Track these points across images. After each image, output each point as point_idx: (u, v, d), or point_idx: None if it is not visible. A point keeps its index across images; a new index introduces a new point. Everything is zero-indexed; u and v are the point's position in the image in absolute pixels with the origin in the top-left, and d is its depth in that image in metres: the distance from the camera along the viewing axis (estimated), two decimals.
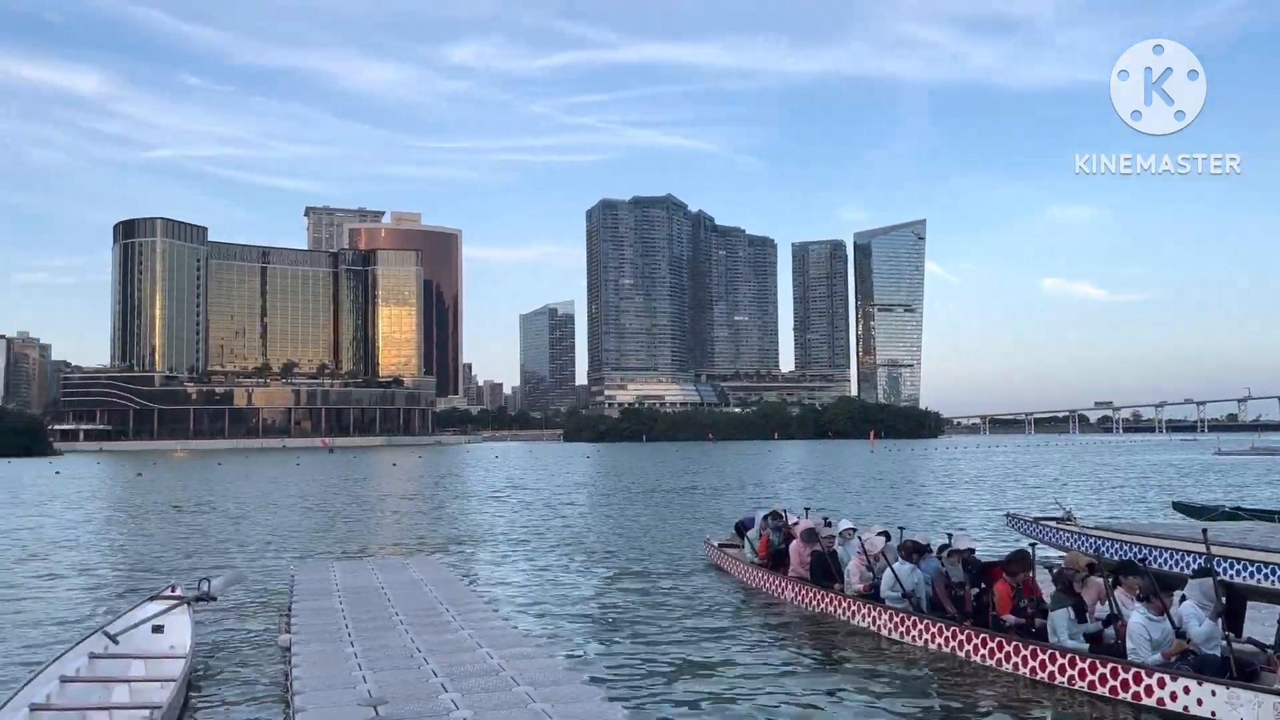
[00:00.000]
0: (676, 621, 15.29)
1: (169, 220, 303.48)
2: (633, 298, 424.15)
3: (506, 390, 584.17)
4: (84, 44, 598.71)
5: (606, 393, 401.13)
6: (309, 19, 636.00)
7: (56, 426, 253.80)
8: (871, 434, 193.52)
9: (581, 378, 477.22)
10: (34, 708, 9.00)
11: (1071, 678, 10.83)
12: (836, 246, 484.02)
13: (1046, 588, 12.38)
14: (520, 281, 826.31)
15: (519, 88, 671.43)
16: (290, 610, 13.76)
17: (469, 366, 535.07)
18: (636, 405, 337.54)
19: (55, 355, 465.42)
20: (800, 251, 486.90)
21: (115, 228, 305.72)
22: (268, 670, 12.42)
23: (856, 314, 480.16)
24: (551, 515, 35.87)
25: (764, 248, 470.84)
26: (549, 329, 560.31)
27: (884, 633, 13.76)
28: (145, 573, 21.69)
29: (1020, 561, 12.38)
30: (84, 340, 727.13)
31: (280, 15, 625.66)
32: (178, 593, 13.19)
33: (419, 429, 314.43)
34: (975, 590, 12.99)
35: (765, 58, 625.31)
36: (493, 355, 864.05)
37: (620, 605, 16.86)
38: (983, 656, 12.04)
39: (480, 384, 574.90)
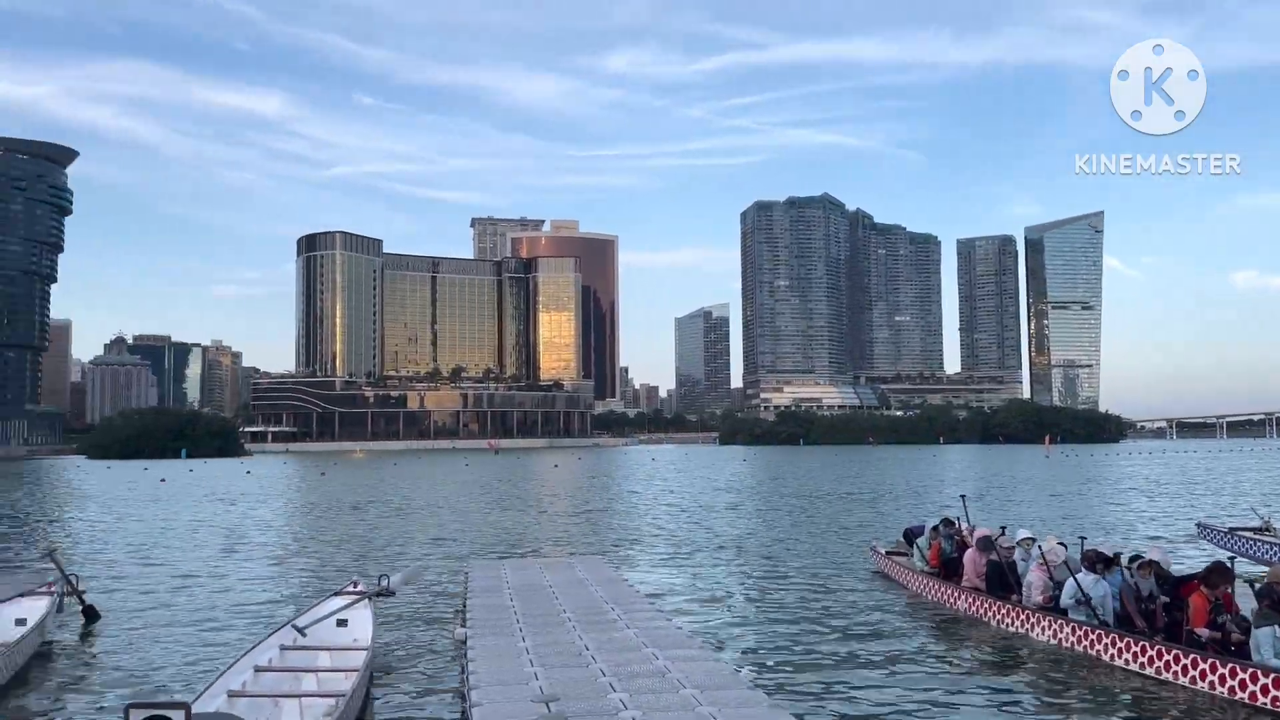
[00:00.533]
0: (841, 630, 14.96)
1: (347, 234, 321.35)
2: (788, 299, 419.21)
3: (662, 393, 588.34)
4: (268, 69, 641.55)
5: (762, 395, 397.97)
6: (472, 37, 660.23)
7: (247, 428, 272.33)
8: (1046, 439, 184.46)
9: (737, 380, 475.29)
10: (231, 694, 9.62)
11: (1277, 699, 10.00)
12: (1005, 242, 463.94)
13: (1244, 603, 11.48)
14: (675, 285, 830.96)
15: (674, 93, 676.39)
16: (465, 606, 14.27)
17: (625, 370, 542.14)
18: (793, 408, 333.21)
19: (245, 362, 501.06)
20: (966, 248, 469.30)
21: (299, 241, 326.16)
22: (444, 663, 12.90)
23: (1028, 312, 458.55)
24: (709, 518, 35.84)
25: (926, 245, 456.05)
26: (703, 332, 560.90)
27: (1067, 647, 13.06)
28: (329, 568, 22.95)
29: (1220, 574, 11.51)
30: (272, 347, 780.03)
31: (445, 34, 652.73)
32: (360, 588, 13.82)
33: (578, 431, 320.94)
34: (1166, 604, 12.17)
35: (927, 50, 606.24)
36: (648, 359, 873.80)
37: (781, 612, 16.65)
38: (1175, 674, 11.25)
39: (636, 387, 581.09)
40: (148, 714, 5.42)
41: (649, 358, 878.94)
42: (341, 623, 12.66)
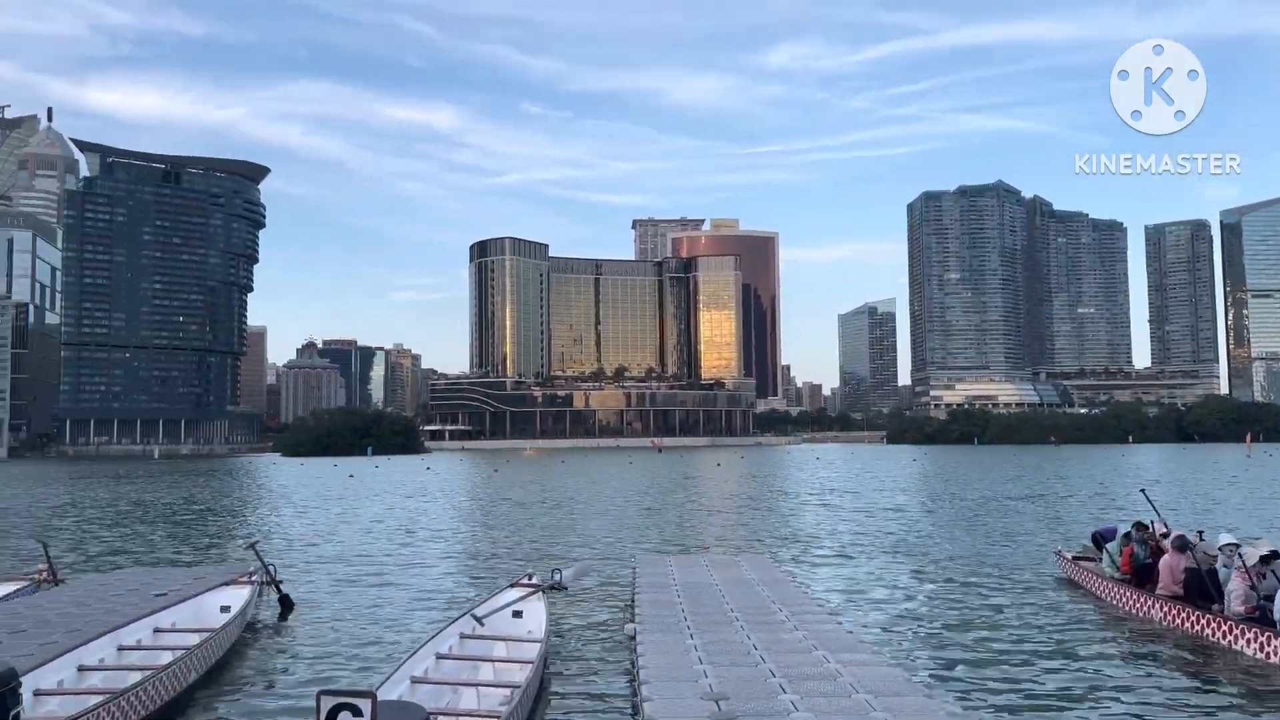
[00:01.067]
0: (1023, 639, 14.24)
1: (516, 239, 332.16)
2: (960, 292, 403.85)
3: (825, 391, 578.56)
4: (441, 83, 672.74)
5: (932, 393, 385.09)
6: (634, 41, 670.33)
7: (426, 427, 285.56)
8: (1248, 438, 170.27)
9: (904, 378, 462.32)
10: (414, 680, 10.04)
11: None
12: (1199, 227, 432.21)
13: None
14: (838, 281, 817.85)
15: (836, 85, 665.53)
16: (634, 601, 14.42)
17: (788, 368, 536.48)
18: (966, 406, 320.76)
19: (424, 364, 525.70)
20: (1155, 234, 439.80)
21: (471, 248, 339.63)
22: (614, 657, 13.07)
23: (1225, 302, 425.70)
24: (878, 519, 34.94)
25: (1111, 233, 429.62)
26: (869, 328, 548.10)
27: (1274, 660, 12.01)
28: (504, 560, 23.71)
29: None
30: (448, 350, 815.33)
31: (609, 40, 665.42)
32: (534, 581, 14.19)
33: (740, 430, 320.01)
34: None
35: (1108, 27, 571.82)
36: (811, 356, 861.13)
37: (959, 618, 15.99)
38: None
39: (799, 385, 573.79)
40: (336, 701, 5.67)
41: (812, 355, 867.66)
42: (517, 614, 13.02)
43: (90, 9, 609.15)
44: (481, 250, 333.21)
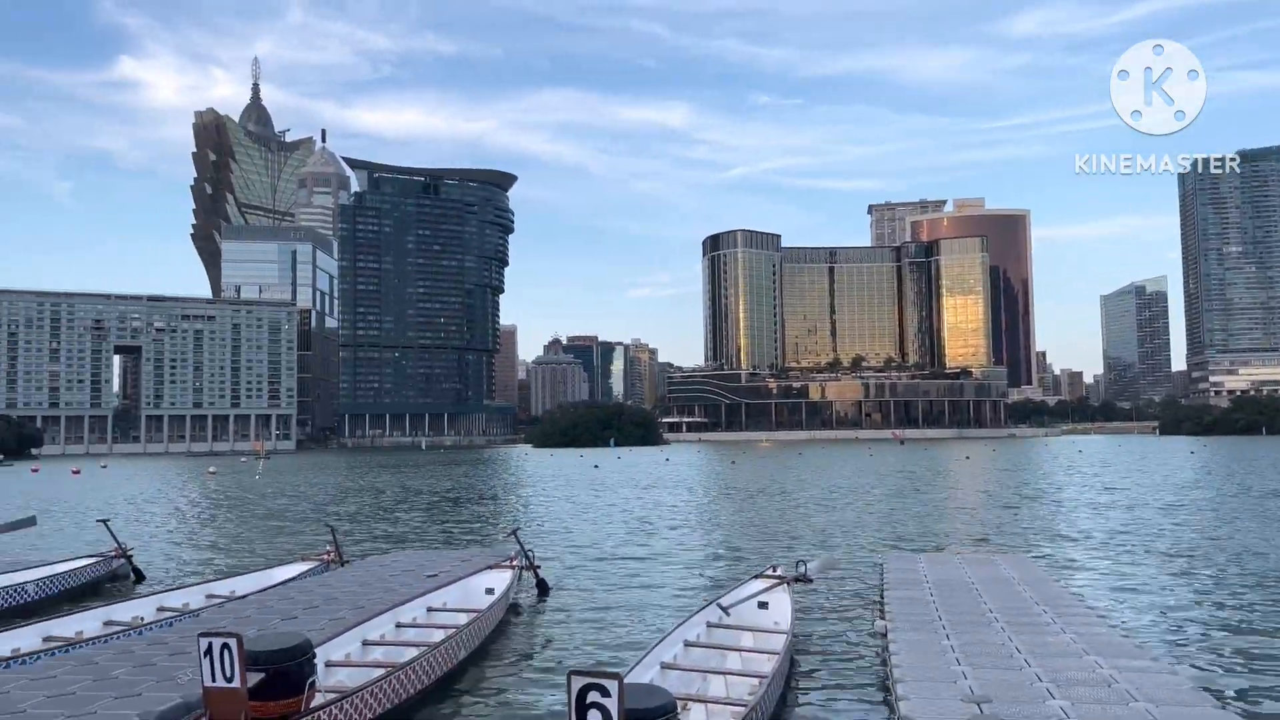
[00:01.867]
0: None
1: (748, 231, 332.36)
2: (1242, 267, 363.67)
3: (1087, 379, 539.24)
4: (673, 82, 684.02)
5: (1212, 379, 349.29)
6: (867, 21, 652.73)
7: (664, 419, 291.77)
8: None
9: (1178, 363, 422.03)
10: (664, 666, 10.25)
11: None
12: None
13: None
14: (1099, 260, 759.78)
15: (1089, 49, 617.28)
16: (883, 598, 14.04)
17: (1043, 355, 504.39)
18: (1251, 393, 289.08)
19: (661, 358, 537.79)
20: None
21: (704, 242, 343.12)
22: (863, 653, 12.77)
23: None
24: (1153, 516, 32.12)
25: None
26: (1136, 310, 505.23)
27: None
28: (747, 552, 23.78)
29: None
30: (684, 343, 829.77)
31: (840, 22, 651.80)
32: (779, 572, 14.12)
33: (990, 421, 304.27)
34: None
35: None
36: (1070, 342, 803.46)
37: (1245, 624, 14.40)
38: None
39: (1056, 373, 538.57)
40: (586, 681, 5.86)
41: (1070, 341, 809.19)
42: (763, 605, 13.02)
43: (356, 36, 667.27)
44: (714, 244, 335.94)
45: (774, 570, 14.31)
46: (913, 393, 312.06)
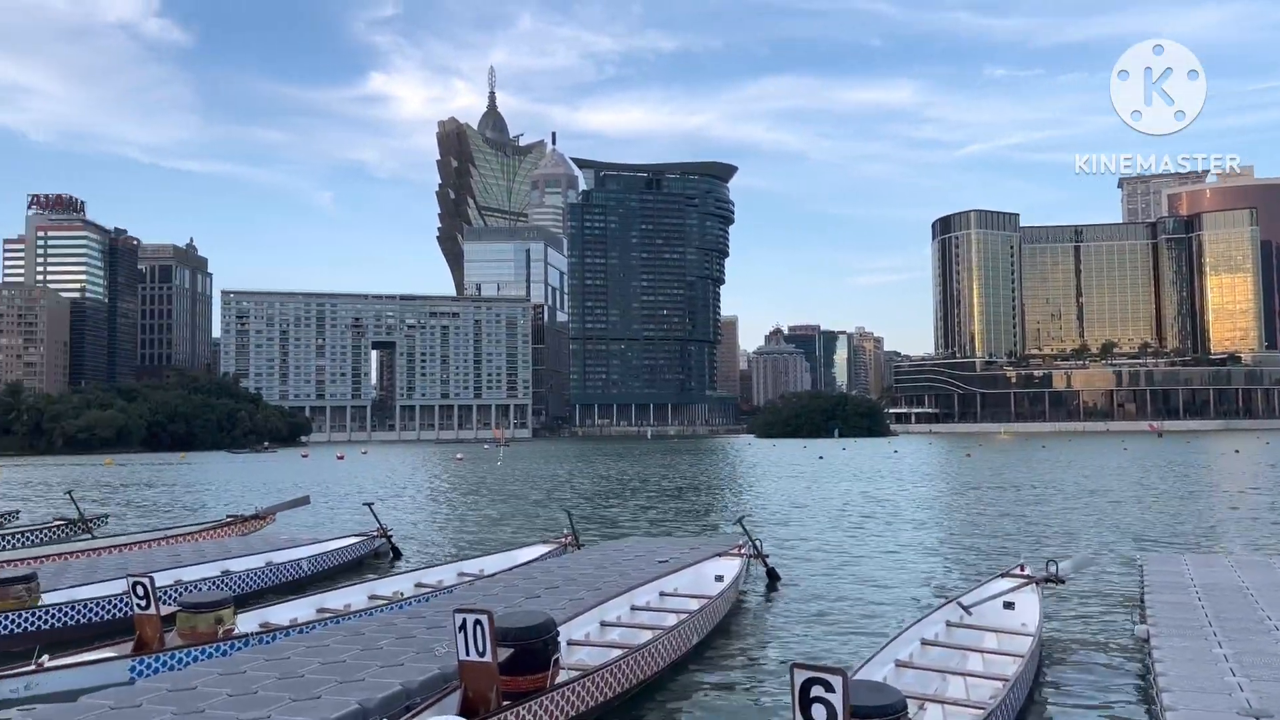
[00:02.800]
0: None
1: (981, 211, 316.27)
2: None
3: None
4: (899, 60, 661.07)
5: None
6: None
7: (891, 410, 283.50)
8: None
9: None
10: (899, 664, 9.96)
11: None
12: None
13: None
14: None
15: None
16: (1143, 601, 13.04)
17: None
18: None
19: (887, 346, 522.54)
20: None
21: (933, 225, 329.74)
22: (1120, 660, 11.92)
23: None
24: None
25: None
26: None
27: None
28: (989, 549, 22.71)
29: None
30: (911, 331, 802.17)
31: None
32: (1026, 572, 13.39)
33: (1262, 411, 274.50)
34: None
35: None
36: None
37: None
38: None
39: None
40: (809, 675, 5.79)
41: None
42: (1008, 605, 12.41)
43: (582, 40, 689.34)
44: (944, 226, 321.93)
45: (1021, 569, 13.59)
46: (1172, 380, 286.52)
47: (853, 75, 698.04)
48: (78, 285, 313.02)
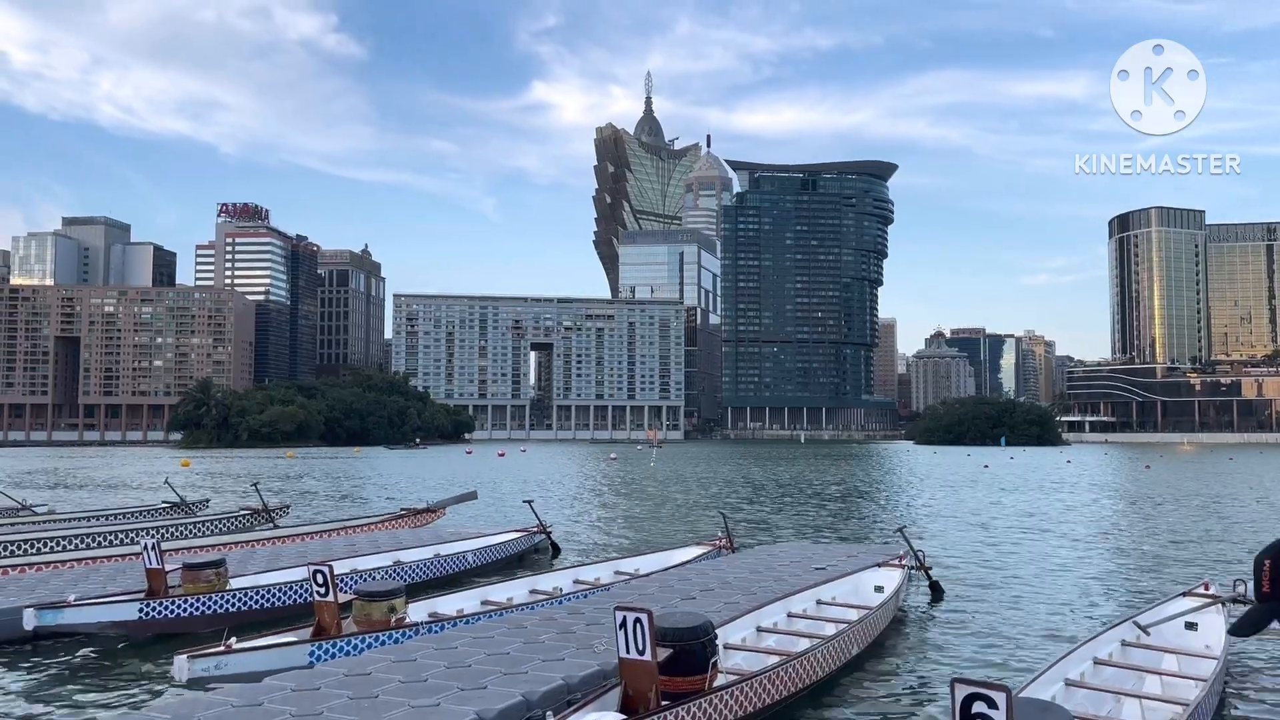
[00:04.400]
0: None
1: (1163, 208, 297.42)
2: None
3: None
4: (1073, 50, 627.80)
5: None
6: None
7: (1063, 418, 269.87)
8: None
9: None
10: (1069, 683, 9.51)
11: None
12: None
13: None
14: None
15: None
16: None
17: None
18: None
19: (1059, 351, 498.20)
20: None
21: (1110, 223, 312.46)
22: None
23: None
24: None
25: None
26: None
27: None
28: (1168, 566, 21.41)
29: None
30: (1086, 335, 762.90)
31: None
32: (1211, 591, 12.60)
33: None
34: None
35: None
36: None
37: None
38: None
39: None
40: (971, 690, 5.63)
41: None
42: (1190, 625, 11.71)
43: (738, 41, 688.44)
44: (1122, 224, 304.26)
45: (1205, 588, 12.76)
46: None
47: (1021, 67, 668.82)
48: (262, 288, 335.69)
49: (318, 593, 11.62)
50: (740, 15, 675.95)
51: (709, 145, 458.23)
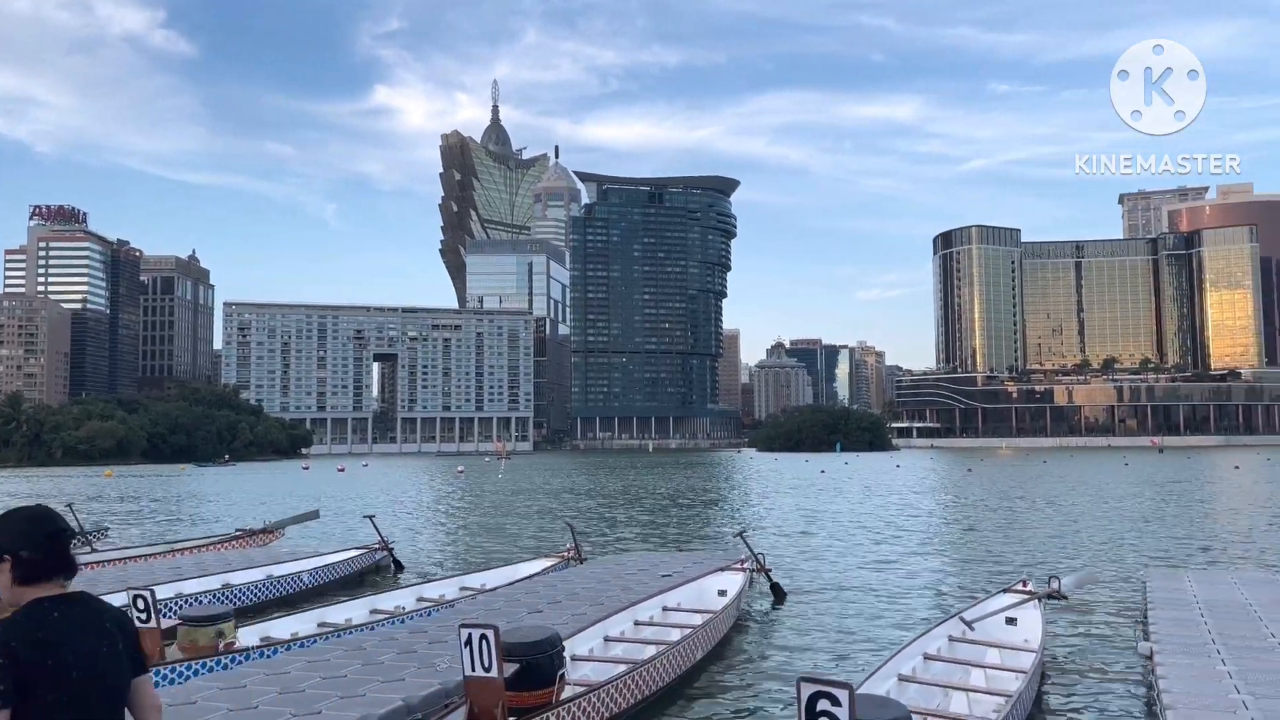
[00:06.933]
0: None
1: (983, 227, 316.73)
2: None
3: None
4: (903, 75, 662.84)
5: None
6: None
7: (893, 424, 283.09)
8: None
9: None
10: (901, 678, 9.94)
11: None
12: None
13: None
14: None
15: None
16: (1146, 618, 13.02)
17: None
18: None
19: (889, 361, 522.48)
20: None
21: (935, 240, 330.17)
22: (1124, 677, 11.90)
23: None
24: None
25: None
26: None
27: None
28: (990, 564, 22.68)
29: None
30: (913, 346, 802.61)
31: (1092, 2, 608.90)
32: (1029, 588, 13.40)
33: (1263, 427, 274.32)
34: None
35: None
36: None
37: None
38: None
39: None
40: (816, 689, 5.80)
41: None
42: (1010, 620, 12.41)
43: (585, 53, 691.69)
44: (946, 241, 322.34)
45: (1024, 585, 13.59)
46: (1173, 396, 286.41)
47: (856, 90, 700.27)
48: (79, 296, 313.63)
49: (138, 619, 10.95)
50: (587, 28, 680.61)
51: (557, 156, 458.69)
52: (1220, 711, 8.25)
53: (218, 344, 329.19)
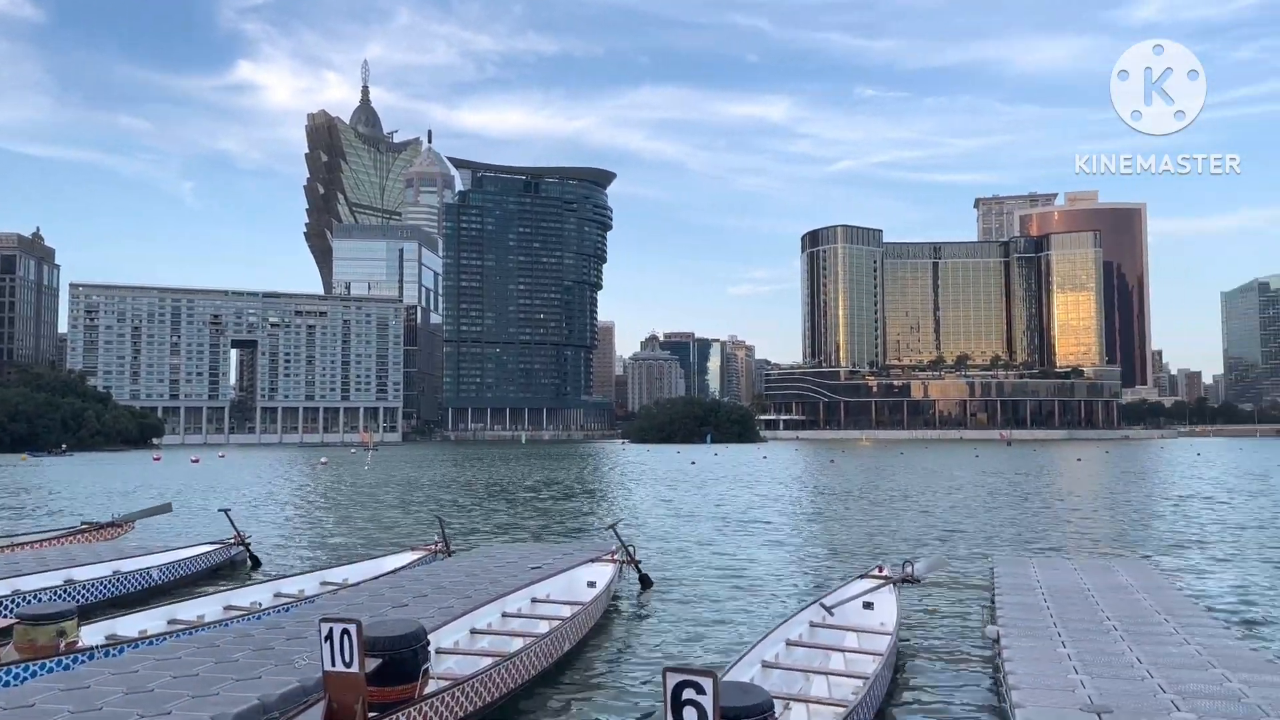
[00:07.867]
0: None
1: (848, 227, 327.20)
2: None
3: (1206, 379, 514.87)
4: (775, 76, 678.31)
5: None
6: (978, 9, 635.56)
7: (761, 416, 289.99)
8: None
9: None
10: (765, 664, 10.18)
11: None
12: None
13: None
14: (1222, 255, 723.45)
15: (1214, 36, 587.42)
16: (994, 602, 13.69)
17: (1159, 354, 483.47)
18: None
19: (759, 355, 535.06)
20: None
21: (803, 238, 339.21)
22: (972, 658, 12.48)
23: None
24: (1273, 522, 30.50)
25: None
26: (1260, 307, 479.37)
27: None
28: (849, 551, 23.47)
29: None
30: (782, 340, 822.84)
31: (951, 13, 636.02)
32: (884, 573, 13.90)
33: (1102, 422, 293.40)
34: None
35: None
36: (1188, 340, 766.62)
37: None
38: None
39: (1173, 373, 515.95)
40: (681, 678, 5.89)
41: (1189, 340, 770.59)
42: (868, 605, 12.84)
43: (461, 37, 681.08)
44: (813, 240, 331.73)
45: (880, 570, 14.10)
46: (1021, 392, 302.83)
47: (730, 89, 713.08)
48: None
49: None
50: (463, 11, 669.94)
51: (430, 141, 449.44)
52: (1060, 691, 8.75)
53: (63, 327, 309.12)
